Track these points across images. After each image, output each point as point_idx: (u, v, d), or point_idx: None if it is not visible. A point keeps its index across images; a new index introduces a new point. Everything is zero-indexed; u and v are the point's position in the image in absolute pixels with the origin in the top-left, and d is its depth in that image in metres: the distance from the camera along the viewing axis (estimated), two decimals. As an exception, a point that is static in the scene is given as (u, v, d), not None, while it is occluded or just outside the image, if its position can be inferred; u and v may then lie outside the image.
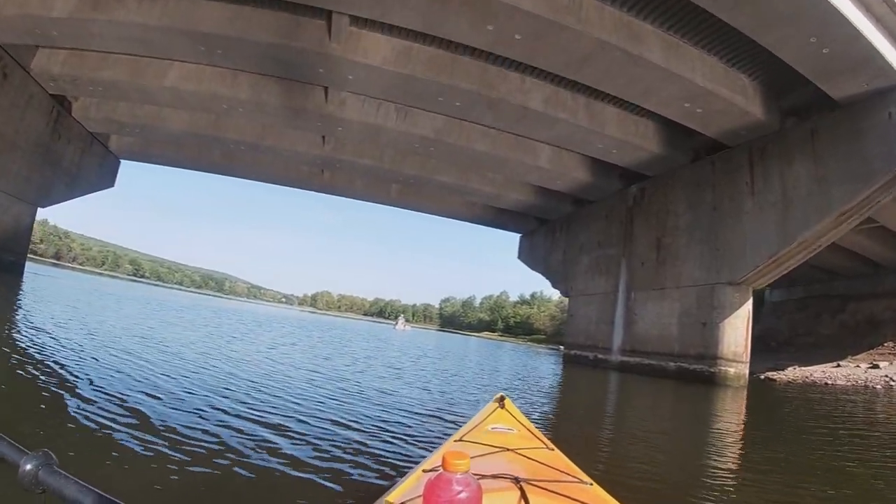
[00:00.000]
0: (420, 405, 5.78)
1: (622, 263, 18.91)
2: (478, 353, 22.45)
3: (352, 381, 7.01)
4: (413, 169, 20.62)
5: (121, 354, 6.03)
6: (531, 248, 26.93)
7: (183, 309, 22.03)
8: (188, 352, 7.51)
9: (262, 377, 6.22)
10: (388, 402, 5.71)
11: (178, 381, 4.89)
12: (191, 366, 6.13)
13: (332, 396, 5.53)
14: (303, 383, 6.20)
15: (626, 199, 19.48)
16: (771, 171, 14.12)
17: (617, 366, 18.04)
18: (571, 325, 21.98)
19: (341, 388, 6.28)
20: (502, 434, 2.04)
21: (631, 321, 17.90)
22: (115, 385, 4.32)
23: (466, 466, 0.90)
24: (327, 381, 6.65)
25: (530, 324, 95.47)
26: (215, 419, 3.67)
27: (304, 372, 7.38)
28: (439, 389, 7.61)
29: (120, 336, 8.00)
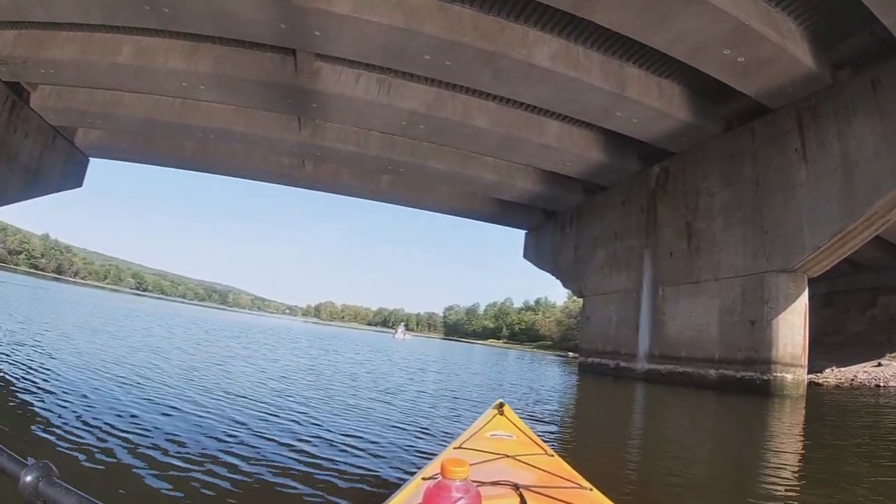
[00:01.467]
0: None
1: (645, 256, 16.33)
2: (483, 364, 19.84)
3: (308, 419, 4.49)
4: (403, 155, 18.18)
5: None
6: (538, 245, 24.34)
7: (172, 325, 19.59)
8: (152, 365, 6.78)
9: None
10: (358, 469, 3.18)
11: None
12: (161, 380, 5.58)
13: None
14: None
15: (646, 182, 16.95)
16: (826, 132, 11.68)
17: (643, 375, 15.40)
18: (587, 329, 19.35)
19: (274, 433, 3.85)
20: (501, 441, 2.03)
21: (659, 322, 15.28)
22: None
23: (465, 473, 0.89)
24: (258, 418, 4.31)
25: (535, 330, 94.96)
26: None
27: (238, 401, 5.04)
28: (443, 429, 4.85)
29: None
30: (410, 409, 5.72)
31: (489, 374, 14.08)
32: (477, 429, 2.20)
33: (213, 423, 3.81)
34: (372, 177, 21.63)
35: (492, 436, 2.09)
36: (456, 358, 22.20)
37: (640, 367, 15.65)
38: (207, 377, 6.35)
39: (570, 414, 8.13)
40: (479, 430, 2.17)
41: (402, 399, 6.50)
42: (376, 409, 5.45)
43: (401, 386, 8.24)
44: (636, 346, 15.90)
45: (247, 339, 15.72)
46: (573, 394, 11.76)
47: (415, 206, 24.01)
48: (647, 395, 12.63)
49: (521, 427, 2.26)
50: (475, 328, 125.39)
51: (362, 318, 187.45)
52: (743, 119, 13.87)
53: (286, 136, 18.05)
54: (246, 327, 25.36)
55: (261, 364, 9.16)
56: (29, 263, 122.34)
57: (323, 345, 18.98)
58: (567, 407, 9.02)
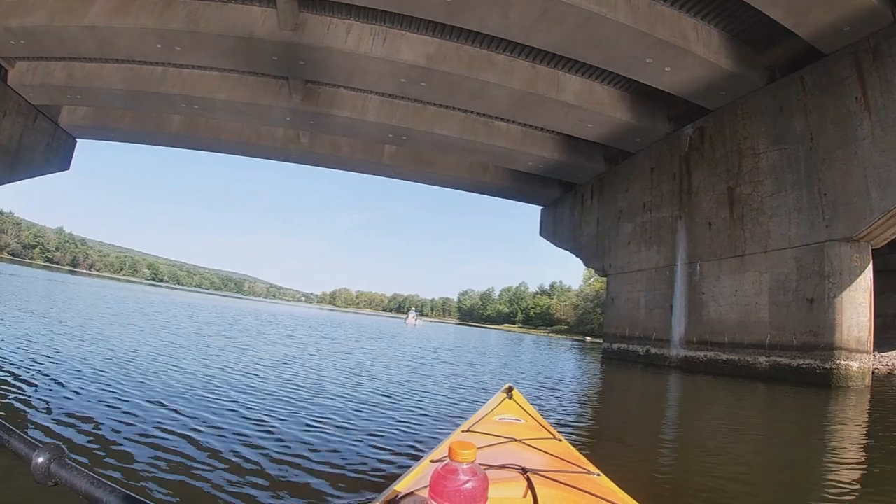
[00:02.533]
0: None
1: (679, 228, 14.40)
2: (498, 351, 18.16)
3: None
4: (405, 120, 16.36)
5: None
6: (555, 221, 22.40)
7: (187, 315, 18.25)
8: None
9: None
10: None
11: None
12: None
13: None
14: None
15: (678, 145, 14.93)
16: (891, 77, 9.83)
17: (679, 363, 13.59)
18: (612, 311, 17.52)
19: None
20: (510, 424, 2.01)
21: (697, 303, 13.40)
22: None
23: (473, 457, 0.88)
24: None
25: (551, 314, 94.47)
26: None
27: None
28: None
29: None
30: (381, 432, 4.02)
31: (502, 364, 12.40)
32: (486, 412, 2.18)
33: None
34: (373, 148, 19.85)
35: (500, 419, 2.07)
36: (468, 344, 20.57)
37: (674, 354, 13.82)
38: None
39: (593, 410, 6.66)
40: (487, 414, 2.15)
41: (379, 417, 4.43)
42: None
43: (391, 389, 6.58)
44: (670, 330, 14.06)
45: (236, 328, 14.22)
46: (597, 386, 10.07)
47: (421, 181, 22.15)
48: (683, 386, 10.94)
49: (529, 411, 2.23)
50: (490, 313, 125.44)
51: (377, 305, 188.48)
52: (789, 68, 11.94)
53: (275, 103, 16.35)
54: (241, 315, 24.00)
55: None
56: (44, 257, 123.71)
57: (323, 332, 17.49)
58: (590, 401, 7.46)
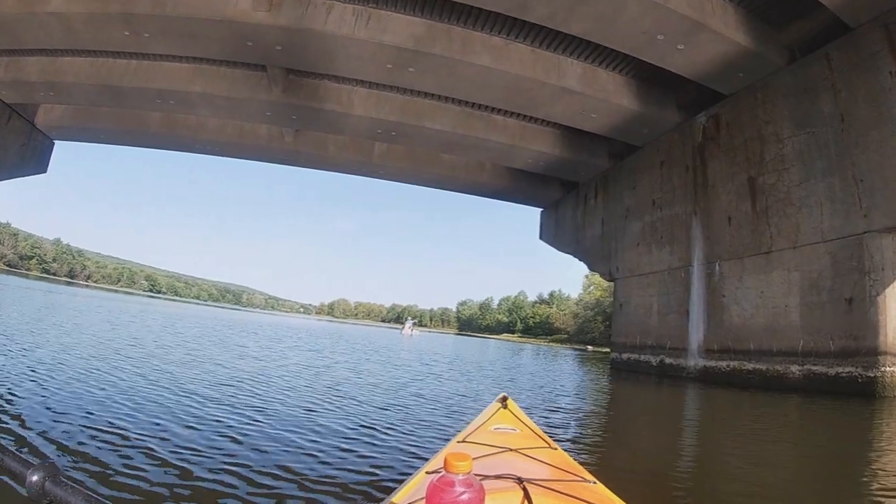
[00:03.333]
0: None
1: (694, 225, 13.14)
2: (498, 363, 16.81)
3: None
4: (394, 113, 15.19)
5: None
6: (556, 223, 21.15)
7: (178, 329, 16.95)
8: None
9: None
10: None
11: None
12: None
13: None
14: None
15: (690, 136, 13.74)
16: None
17: (698, 374, 12.26)
18: (621, 319, 16.18)
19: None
20: (505, 434, 2.00)
21: (717, 307, 12.10)
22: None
23: (468, 467, 0.88)
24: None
25: (550, 323, 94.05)
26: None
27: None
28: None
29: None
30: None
31: (502, 379, 11.06)
32: (480, 423, 2.17)
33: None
34: (362, 146, 18.66)
35: (495, 429, 2.06)
36: (466, 356, 19.21)
37: (692, 364, 12.49)
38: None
39: (602, 428, 5.65)
40: (482, 424, 2.14)
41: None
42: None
43: (384, 403, 5.30)
44: (686, 337, 12.74)
45: (226, 340, 12.90)
46: (605, 402, 8.80)
47: (415, 182, 20.93)
48: (702, 400, 9.70)
49: (524, 420, 2.23)
50: (489, 323, 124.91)
51: (376, 315, 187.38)
52: (810, 47, 10.86)
53: (254, 95, 15.18)
54: (238, 327, 22.63)
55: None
56: (41, 268, 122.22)
57: (311, 344, 16.17)
58: (598, 419, 6.34)
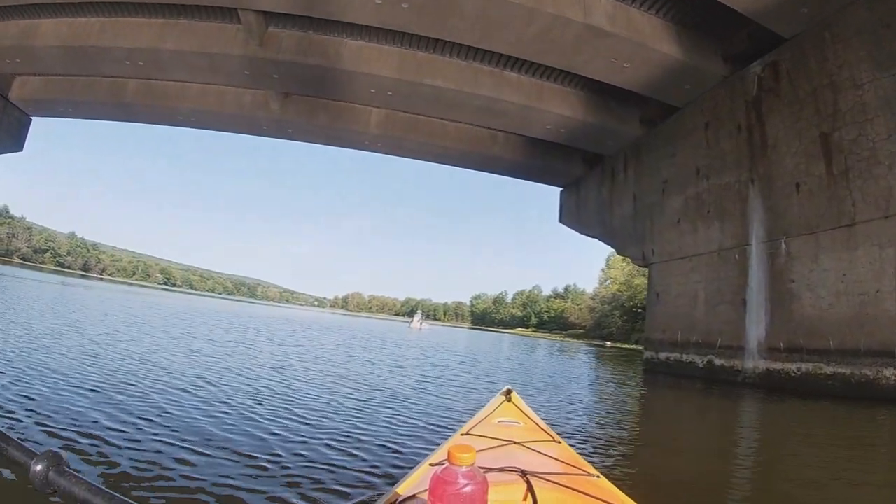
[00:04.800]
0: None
1: (751, 195, 10.74)
2: (513, 361, 14.75)
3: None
4: (388, 68, 13.01)
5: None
6: (579, 203, 18.76)
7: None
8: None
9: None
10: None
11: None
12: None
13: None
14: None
15: (743, 90, 11.33)
16: None
17: (757, 379, 9.90)
18: (657, 310, 13.72)
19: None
20: (509, 427, 2.00)
21: (784, 294, 9.71)
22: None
23: (472, 459, 0.87)
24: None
25: (565, 318, 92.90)
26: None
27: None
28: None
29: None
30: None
31: (519, 382, 8.95)
32: (484, 415, 2.16)
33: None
34: (357, 115, 16.49)
35: (499, 422, 2.06)
36: (477, 352, 17.12)
37: (749, 366, 10.13)
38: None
39: (639, 457, 4.03)
40: (486, 417, 2.13)
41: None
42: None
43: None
44: (742, 333, 10.36)
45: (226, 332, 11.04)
46: (638, 416, 6.77)
47: (417, 156, 18.63)
48: (766, 415, 7.56)
49: (528, 414, 2.22)
50: (503, 317, 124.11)
51: (390, 309, 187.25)
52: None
53: (229, 50, 13.16)
54: (247, 319, 20.87)
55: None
56: (55, 261, 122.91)
57: (310, 337, 14.37)
58: (633, 443, 4.54)
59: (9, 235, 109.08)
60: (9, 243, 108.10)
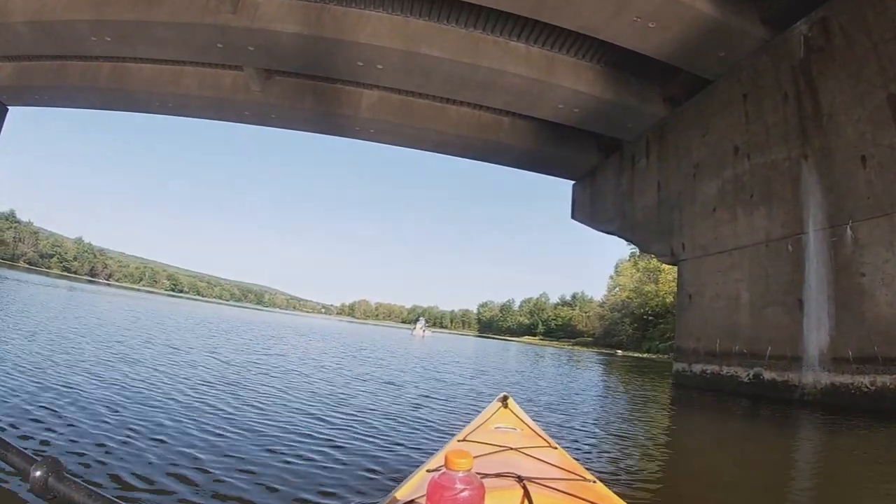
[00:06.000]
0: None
1: (805, 173, 8.98)
2: (520, 372, 13.11)
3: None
4: (378, 35, 11.45)
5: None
6: (593, 196, 17.00)
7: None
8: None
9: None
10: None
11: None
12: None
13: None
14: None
15: (787, 53, 9.61)
16: None
17: (819, 395, 8.08)
18: (690, 315, 11.79)
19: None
20: (506, 433, 2.00)
21: (852, 292, 7.91)
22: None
23: (469, 465, 0.88)
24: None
25: (573, 326, 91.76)
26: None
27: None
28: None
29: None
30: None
31: (532, 399, 7.29)
32: (481, 422, 2.16)
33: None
34: (347, 97, 14.92)
35: (496, 428, 2.05)
36: (485, 362, 15.45)
37: (809, 380, 8.30)
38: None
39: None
40: (483, 423, 2.13)
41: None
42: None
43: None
44: (799, 340, 8.54)
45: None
46: (669, 443, 5.38)
47: (413, 144, 16.96)
48: (839, 443, 5.90)
49: (525, 420, 2.22)
50: (510, 325, 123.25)
51: (396, 316, 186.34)
52: None
53: (200, 19, 11.68)
54: (249, 326, 19.38)
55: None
56: (61, 266, 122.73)
57: (296, 345, 12.84)
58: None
59: (15, 240, 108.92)
60: (15, 248, 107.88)
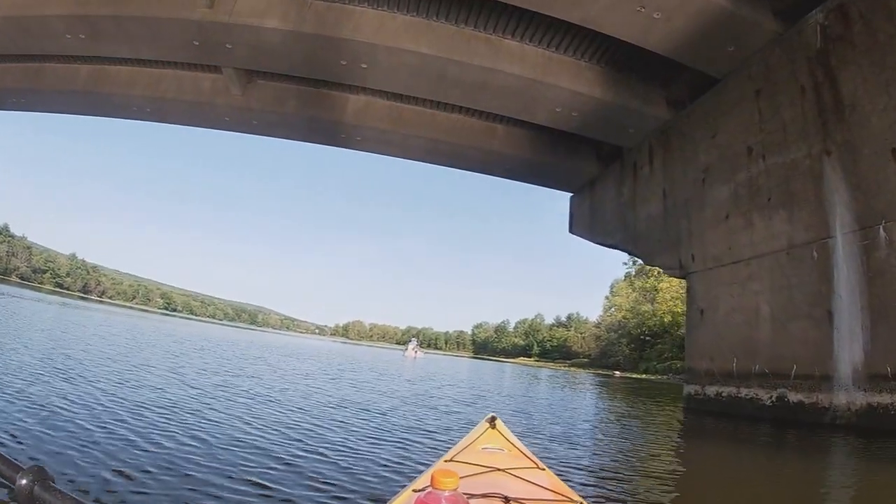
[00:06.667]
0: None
1: (828, 171, 8.15)
2: (518, 396, 12.08)
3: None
4: (364, 32, 10.73)
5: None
6: (593, 208, 16.17)
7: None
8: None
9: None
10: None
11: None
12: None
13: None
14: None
15: (802, 45, 8.89)
16: None
17: (854, 418, 7.09)
18: (701, 332, 10.73)
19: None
20: (493, 454, 1.98)
21: (890, 299, 6.99)
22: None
23: (455, 484, 0.89)
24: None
25: (568, 347, 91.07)
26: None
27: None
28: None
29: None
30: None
31: (532, 412, 6.34)
32: (468, 442, 2.13)
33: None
34: (331, 103, 14.14)
35: (483, 449, 2.02)
36: (479, 385, 14.41)
37: (841, 401, 7.32)
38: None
39: None
40: (470, 444, 2.10)
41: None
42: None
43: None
44: (829, 357, 7.58)
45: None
46: (685, 477, 4.59)
47: (401, 153, 16.07)
48: (884, 473, 5.12)
49: (512, 441, 2.18)
50: (505, 346, 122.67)
51: (391, 337, 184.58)
52: None
53: (177, 13, 10.99)
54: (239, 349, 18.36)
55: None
56: (54, 282, 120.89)
57: (276, 366, 11.82)
58: None
59: (8, 254, 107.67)
60: (7, 262, 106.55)
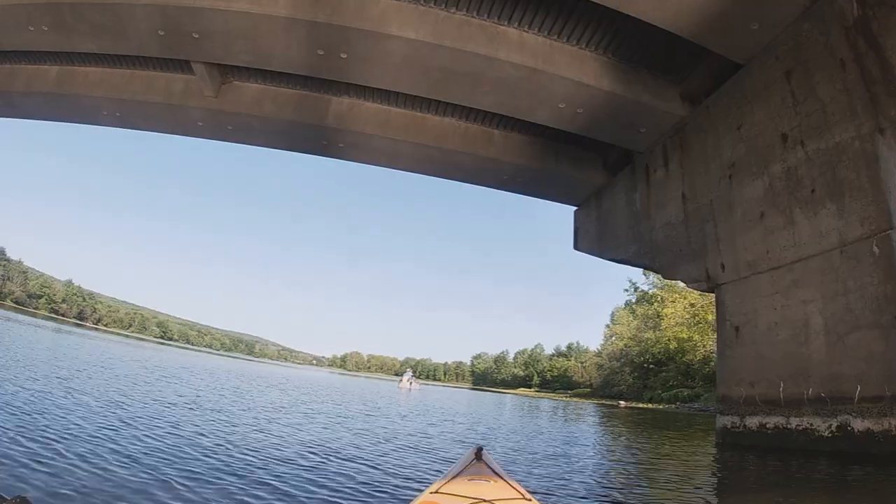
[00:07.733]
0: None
1: (882, 151, 6.75)
2: (513, 431, 10.47)
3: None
4: (339, 13, 9.60)
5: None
6: (600, 221, 14.75)
7: None
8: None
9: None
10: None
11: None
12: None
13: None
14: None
15: (835, 16, 7.65)
16: None
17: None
18: (737, 354, 9.04)
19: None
20: (479, 485, 1.95)
21: None
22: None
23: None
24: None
25: (569, 377, 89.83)
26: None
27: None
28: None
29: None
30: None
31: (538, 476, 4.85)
32: (454, 473, 2.12)
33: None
34: (312, 103, 12.93)
35: (469, 480, 2.00)
36: (476, 420, 12.80)
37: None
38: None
39: None
40: (456, 475, 2.09)
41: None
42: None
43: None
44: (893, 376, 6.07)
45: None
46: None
47: (388, 162, 14.56)
48: None
49: (498, 472, 2.16)
50: (504, 377, 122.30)
51: (389, 369, 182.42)
52: None
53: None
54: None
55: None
56: (49, 308, 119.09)
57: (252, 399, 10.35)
58: None
59: (3, 278, 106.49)
60: (2, 286, 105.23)
